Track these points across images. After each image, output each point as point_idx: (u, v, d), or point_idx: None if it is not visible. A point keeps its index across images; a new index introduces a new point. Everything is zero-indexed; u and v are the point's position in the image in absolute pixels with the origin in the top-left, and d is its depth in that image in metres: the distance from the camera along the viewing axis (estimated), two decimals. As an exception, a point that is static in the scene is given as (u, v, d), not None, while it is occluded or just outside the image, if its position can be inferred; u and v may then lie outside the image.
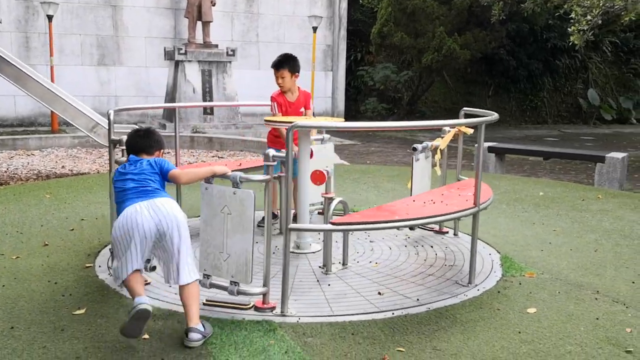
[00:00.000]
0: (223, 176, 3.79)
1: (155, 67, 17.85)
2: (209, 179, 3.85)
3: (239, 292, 3.79)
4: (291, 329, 3.59)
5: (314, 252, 5.02)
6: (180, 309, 3.85)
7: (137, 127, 4.17)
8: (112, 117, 4.74)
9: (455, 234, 5.58)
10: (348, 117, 19.91)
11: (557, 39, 21.80)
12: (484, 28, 18.60)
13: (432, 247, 5.25)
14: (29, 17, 16.81)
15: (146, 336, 3.49)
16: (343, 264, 4.71)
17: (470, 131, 5.25)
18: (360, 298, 4.08)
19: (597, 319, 3.80)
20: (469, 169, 10.63)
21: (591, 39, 13.37)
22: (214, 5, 15.73)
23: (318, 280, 4.42)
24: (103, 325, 3.65)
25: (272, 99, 5.73)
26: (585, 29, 11.42)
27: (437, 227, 5.66)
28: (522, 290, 4.24)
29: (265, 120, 4.99)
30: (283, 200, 5.86)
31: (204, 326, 3.49)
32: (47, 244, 5.30)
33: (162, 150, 4.04)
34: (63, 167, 10.71)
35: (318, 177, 4.52)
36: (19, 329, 3.59)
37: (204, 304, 3.85)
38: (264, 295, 3.85)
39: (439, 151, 5.30)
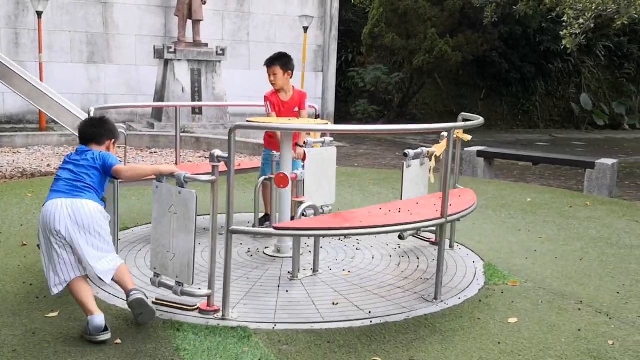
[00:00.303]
0: (171, 175, 3.73)
1: (145, 66, 17.70)
2: (159, 178, 3.78)
3: (183, 293, 3.76)
4: (266, 336, 3.52)
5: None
6: (158, 314, 3.79)
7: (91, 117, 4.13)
8: (92, 115, 4.67)
9: (450, 246, 5.30)
10: (338, 118, 19.84)
11: (550, 42, 21.78)
12: (476, 30, 18.55)
13: (418, 258, 5.09)
14: (19, 13, 16.65)
15: (118, 340, 3.43)
16: (313, 271, 4.63)
17: (469, 137, 5.19)
18: (312, 307, 3.98)
19: (579, 330, 3.74)
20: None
21: (584, 43, 13.34)
22: (204, 3, 15.62)
23: (279, 286, 4.33)
24: (75, 328, 3.58)
25: (266, 98, 5.66)
26: (578, 32, 11.38)
27: (432, 238, 5.43)
28: (504, 299, 4.18)
29: (247, 121, 4.90)
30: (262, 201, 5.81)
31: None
32: (25, 244, 5.22)
33: (113, 141, 3.92)
34: (49, 165, 10.60)
35: (281, 180, 4.45)
36: (-11, 332, 3.51)
37: (153, 302, 3.76)
38: (209, 297, 3.80)
39: (434, 158, 5.20)
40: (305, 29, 17.88)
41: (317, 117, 5.94)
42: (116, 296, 4.07)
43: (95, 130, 3.88)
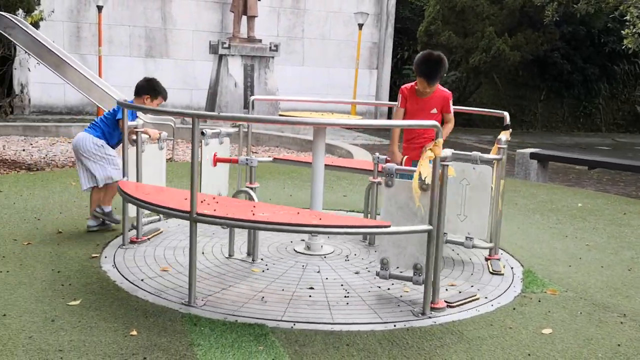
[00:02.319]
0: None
1: (201, 61, 17.86)
2: None
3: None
4: (284, 335, 3.41)
5: (325, 255, 4.82)
6: (173, 306, 3.74)
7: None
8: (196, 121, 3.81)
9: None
10: (391, 117, 19.61)
11: (615, 43, 20.99)
12: (537, 29, 18.03)
13: (458, 262, 4.96)
14: (81, 8, 17.02)
15: (134, 332, 3.37)
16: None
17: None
18: (333, 308, 3.85)
19: (619, 345, 3.49)
20: (510, 175, 10.27)
21: (648, 43, 12.77)
22: (259, 0, 15.63)
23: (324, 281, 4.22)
24: (94, 318, 3.55)
25: (400, 90, 5.00)
26: (641, 31, 10.89)
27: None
28: (540, 309, 3.96)
29: (280, 115, 4.81)
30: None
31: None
32: (61, 232, 5.26)
33: (149, 96, 5.18)
34: (100, 155, 10.75)
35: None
36: (10, 317, 3.51)
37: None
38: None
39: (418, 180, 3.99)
40: (360, 25, 17.72)
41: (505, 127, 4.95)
42: (138, 286, 4.03)
43: (140, 84, 5.24)
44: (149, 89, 5.19)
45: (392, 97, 20.26)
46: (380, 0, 19.62)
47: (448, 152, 3.67)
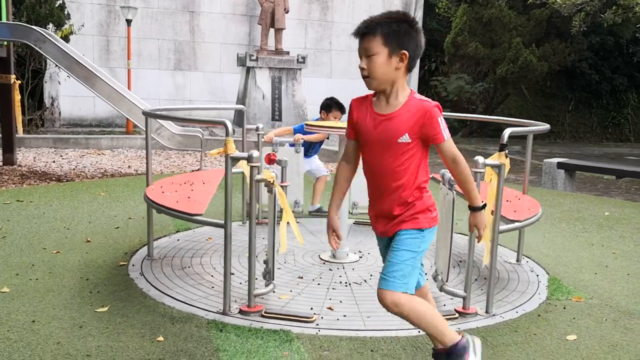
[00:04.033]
0: None
1: (229, 73, 18.05)
2: None
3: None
4: (309, 341, 3.44)
5: (350, 262, 4.85)
6: (199, 313, 3.78)
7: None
8: (230, 128, 3.85)
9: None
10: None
11: (644, 53, 20.85)
12: (564, 40, 17.92)
13: (478, 267, 4.95)
14: (111, 22, 17.31)
15: (160, 338, 3.42)
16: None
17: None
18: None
19: (645, 351, 3.47)
20: (537, 185, 10.21)
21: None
22: (287, 12, 15.77)
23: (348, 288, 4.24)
24: (121, 324, 3.60)
25: (350, 105, 5.29)
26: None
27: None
28: (565, 315, 3.94)
29: (306, 124, 4.86)
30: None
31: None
32: (89, 241, 5.35)
33: (325, 112, 5.99)
34: (129, 167, 10.91)
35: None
36: (39, 323, 3.58)
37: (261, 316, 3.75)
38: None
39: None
40: (387, 37, 17.75)
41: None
42: (165, 293, 4.09)
43: (323, 102, 6.01)
44: (322, 106, 6.02)
45: (419, 108, 20.25)
46: (407, 11, 19.65)
47: (254, 152, 3.58)
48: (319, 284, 4.38)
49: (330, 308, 3.92)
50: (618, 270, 4.99)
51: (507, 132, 4.05)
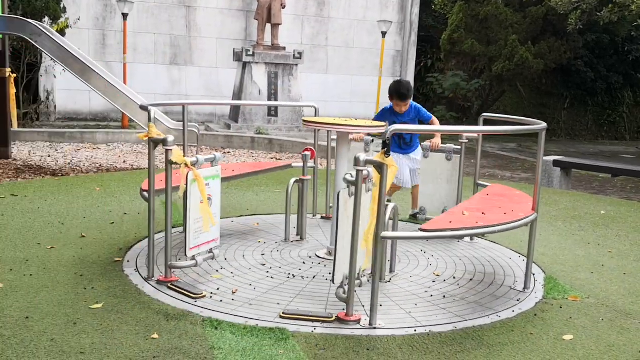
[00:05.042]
0: None
1: (225, 68, 17.99)
2: None
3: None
4: (304, 340, 3.42)
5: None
6: (195, 310, 3.76)
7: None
8: (152, 115, 4.33)
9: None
10: (415, 124, 19.54)
11: (639, 51, 20.84)
12: (560, 37, 17.92)
13: (479, 266, 4.95)
14: (107, 15, 17.23)
15: (155, 335, 3.40)
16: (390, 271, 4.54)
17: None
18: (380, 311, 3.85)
19: (641, 351, 3.47)
20: (533, 183, 10.21)
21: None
22: (284, 7, 15.73)
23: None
24: (116, 321, 3.58)
25: None
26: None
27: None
28: (562, 315, 3.93)
29: (304, 121, 4.83)
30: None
31: None
32: (84, 236, 5.32)
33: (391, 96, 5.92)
34: (125, 161, 10.87)
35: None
36: (33, 319, 3.56)
37: (280, 317, 3.73)
38: (347, 306, 3.68)
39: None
40: (384, 34, 17.73)
41: None
42: (161, 291, 4.07)
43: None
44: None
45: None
46: (404, 8, 19.63)
47: (170, 137, 4.04)
48: (314, 280, 4.37)
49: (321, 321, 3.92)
50: (614, 269, 4.99)
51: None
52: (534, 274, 4.72)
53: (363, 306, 3.91)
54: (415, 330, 3.59)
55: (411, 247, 5.27)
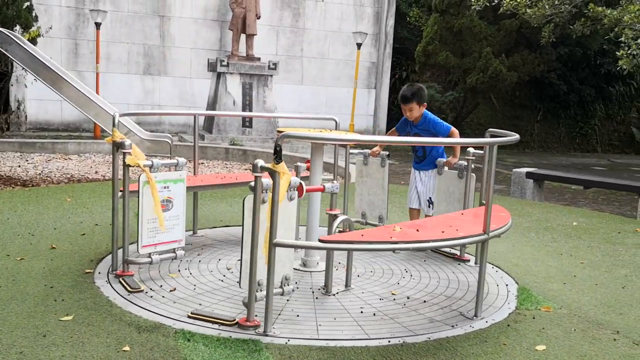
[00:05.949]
0: None
1: (199, 79, 17.94)
2: None
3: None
4: (277, 351, 3.39)
5: (320, 271, 4.81)
6: (167, 322, 3.71)
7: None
8: (117, 120, 4.69)
9: (475, 263, 5.18)
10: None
11: (611, 64, 21.18)
12: (533, 50, 18.16)
13: (449, 275, 4.97)
14: (80, 24, 17.10)
15: (126, 348, 3.35)
16: (346, 285, 4.48)
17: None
18: (353, 323, 3.83)
19: (613, 361, 3.49)
20: (506, 194, 10.30)
21: (643, 65, 12.86)
22: (258, 18, 15.75)
23: (316, 299, 4.20)
24: (86, 333, 3.52)
25: None
26: (636, 53, 10.96)
27: (458, 254, 5.41)
28: (535, 325, 3.95)
29: (278, 131, 4.82)
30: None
31: None
32: (54, 247, 5.23)
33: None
34: (97, 172, 10.76)
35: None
36: (1, 332, 3.49)
37: (188, 317, 3.76)
38: (248, 312, 3.67)
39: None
40: (359, 45, 17.83)
41: None
42: (133, 302, 4.01)
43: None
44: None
45: (390, 116, 20.35)
46: (379, 20, 19.76)
47: (127, 140, 4.36)
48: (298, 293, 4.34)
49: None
50: (586, 280, 5.03)
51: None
52: (507, 285, 4.75)
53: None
54: (388, 342, 3.57)
55: (393, 263, 5.27)
